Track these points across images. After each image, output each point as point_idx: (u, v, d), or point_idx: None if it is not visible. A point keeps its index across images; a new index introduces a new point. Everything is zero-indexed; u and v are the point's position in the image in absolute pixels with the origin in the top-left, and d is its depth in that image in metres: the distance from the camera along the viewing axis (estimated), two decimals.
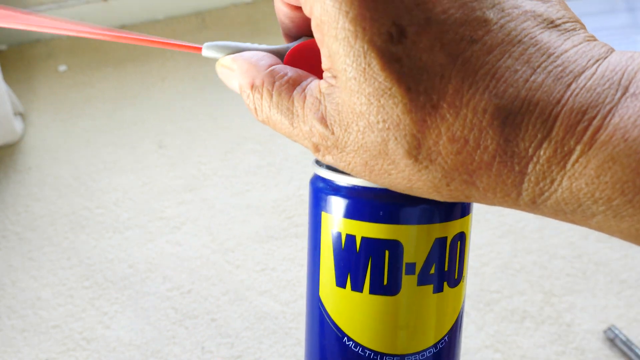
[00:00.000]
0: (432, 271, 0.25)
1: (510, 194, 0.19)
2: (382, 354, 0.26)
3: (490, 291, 0.62)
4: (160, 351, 0.58)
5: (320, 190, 0.26)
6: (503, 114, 0.18)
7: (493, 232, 0.67)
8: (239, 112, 0.82)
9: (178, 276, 0.64)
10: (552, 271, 0.63)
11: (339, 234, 0.25)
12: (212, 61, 0.91)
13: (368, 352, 0.26)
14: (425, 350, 0.26)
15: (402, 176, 0.20)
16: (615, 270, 0.63)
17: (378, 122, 0.19)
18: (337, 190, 0.25)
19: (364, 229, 0.25)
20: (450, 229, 0.26)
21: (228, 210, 0.70)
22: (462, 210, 0.26)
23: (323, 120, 0.21)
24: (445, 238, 0.25)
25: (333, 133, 0.20)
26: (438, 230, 0.25)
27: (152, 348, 0.59)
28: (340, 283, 0.25)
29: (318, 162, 0.27)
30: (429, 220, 0.25)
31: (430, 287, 0.25)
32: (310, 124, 0.21)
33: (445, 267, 0.26)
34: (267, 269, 0.64)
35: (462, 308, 0.27)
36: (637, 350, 0.56)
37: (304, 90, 0.22)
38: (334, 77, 0.20)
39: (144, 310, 0.61)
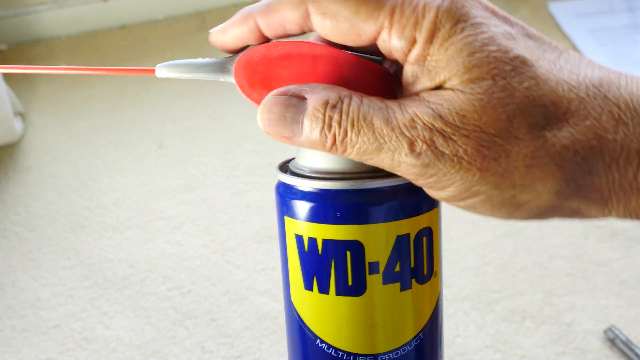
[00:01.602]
0: (397, 269, 0.25)
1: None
2: (355, 355, 0.25)
3: (491, 291, 0.62)
4: (160, 351, 0.58)
5: (283, 196, 0.27)
6: None
7: (493, 232, 0.67)
8: (239, 112, 0.82)
9: (178, 276, 0.64)
10: (552, 271, 0.63)
11: (302, 238, 0.25)
12: None
13: (341, 353, 0.26)
14: (399, 349, 0.26)
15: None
16: (615, 270, 0.63)
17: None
18: (296, 194, 0.26)
19: (324, 231, 0.25)
20: (414, 225, 0.26)
21: (228, 210, 0.70)
22: (427, 205, 0.26)
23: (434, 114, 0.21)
24: (408, 235, 0.25)
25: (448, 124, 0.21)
26: (399, 227, 0.25)
27: (152, 348, 0.59)
28: (308, 286, 0.26)
29: (281, 168, 0.28)
30: (389, 218, 0.25)
31: (397, 285, 0.25)
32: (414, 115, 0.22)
33: (412, 264, 0.26)
34: (267, 269, 0.64)
35: (438, 304, 0.28)
36: (637, 351, 0.56)
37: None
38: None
39: (144, 310, 0.61)
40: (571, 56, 0.22)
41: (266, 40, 0.26)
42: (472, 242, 0.66)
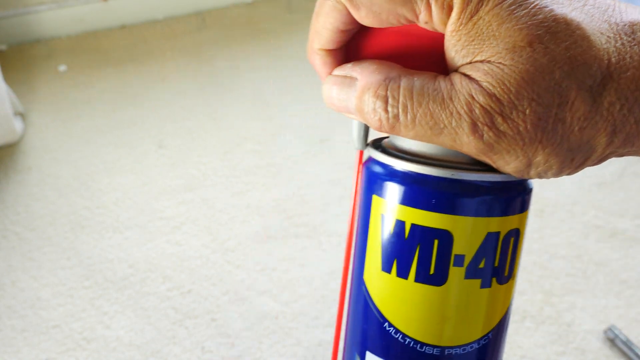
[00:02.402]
0: (482, 265, 0.25)
1: None
2: (422, 344, 0.25)
3: None
4: (160, 351, 0.58)
5: (375, 174, 0.25)
6: None
7: None
8: (239, 112, 0.82)
9: (178, 276, 0.64)
10: (552, 271, 0.63)
11: (389, 219, 0.25)
12: (212, 61, 0.91)
13: (408, 339, 0.25)
14: (467, 345, 0.26)
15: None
16: (615, 270, 0.63)
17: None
18: (391, 175, 0.25)
19: (415, 216, 0.24)
20: (505, 224, 0.25)
21: (228, 210, 0.70)
22: (520, 206, 0.26)
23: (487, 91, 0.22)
24: (499, 233, 0.25)
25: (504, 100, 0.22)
26: (492, 224, 0.24)
27: (152, 348, 0.59)
28: (386, 268, 0.25)
29: (375, 146, 0.27)
30: (482, 213, 0.24)
31: (478, 282, 0.25)
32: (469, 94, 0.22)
33: (496, 263, 0.25)
34: (267, 269, 0.64)
35: (510, 306, 0.27)
36: (637, 351, 0.56)
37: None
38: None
39: (144, 310, 0.61)
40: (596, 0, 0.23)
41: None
42: None
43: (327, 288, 0.62)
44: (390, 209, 0.25)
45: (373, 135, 0.28)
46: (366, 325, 0.26)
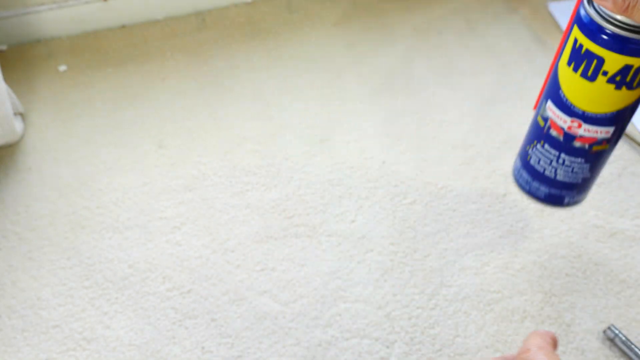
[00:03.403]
0: (618, 78, 0.45)
1: None
2: (575, 106, 0.48)
3: (491, 291, 0.62)
4: (160, 351, 0.58)
5: (583, 22, 0.44)
6: None
7: (493, 232, 0.67)
8: (239, 112, 0.82)
9: (178, 276, 0.64)
10: (552, 271, 0.63)
11: (577, 42, 0.45)
12: (212, 61, 0.91)
13: (569, 102, 0.48)
14: (599, 113, 0.47)
15: None
16: (615, 270, 0.63)
17: None
18: (592, 26, 0.44)
19: (588, 43, 0.44)
20: (636, 62, 0.44)
21: (228, 210, 0.70)
22: None
23: None
24: (632, 65, 0.44)
25: None
26: (627, 60, 0.43)
27: (152, 348, 0.59)
28: (569, 65, 0.47)
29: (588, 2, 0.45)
30: (625, 53, 0.43)
31: (613, 86, 0.45)
32: None
33: (627, 79, 0.45)
34: (267, 269, 0.64)
35: (636, 102, 0.47)
36: (637, 350, 0.56)
37: None
38: None
39: (144, 310, 0.62)
40: None
41: None
42: (472, 242, 0.66)
43: (327, 288, 0.63)
44: (578, 37, 0.45)
45: None
46: (552, 89, 0.50)
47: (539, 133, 0.53)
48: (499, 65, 0.88)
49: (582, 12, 0.44)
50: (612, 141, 0.51)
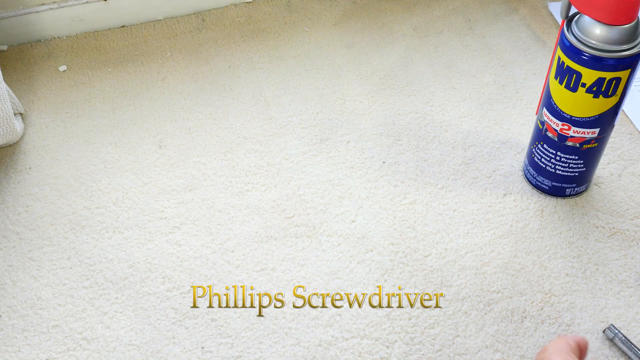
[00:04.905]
0: (594, 88, 0.56)
1: None
2: (564, 112, 0.59)
3: (490, 291, 0.62)
4: (160, 351, 0.58)
5: (565, 44, 0.56)
6: None
7: (493, 232, 0.67)
8: (239, 112, 0.82)
9: (178, 276, 0.64)
10: (552, 271, 0.63)
11: (560, 60, 0.57)
12: (212, 61, 0.91)
13: (559, 109, 0.60)
14: (583, 117, 0.59)
15: None
16: (614, 270, 0.63)
17: None
18: (571, 48, 0.55)
19: (568, 61, 0.56)
20: (608, 75, 0.55)
21: (228, 210, 0.70)
22: (623, 67, 0.55)
23: None
24: (605, 78, 0.55)
25: None
26: (599, 73, 0.55)
27: (152, 348, 0.59)
28: (556, 79, 0.58)
29: (568, 24, 0.56)
30: (597, 68, 0.55)
31: (591, 95, 0.56)
32: None
33: (602, 89, 0.56)
34: (267, 269, 0.64)
35: (615, 106, 0.58)
36: (636, 350, 0.56)
37: None
38: None
39: (144, 310, 0.62)
40: None
41: None
42: (472, 242, 0.66)
43: (327, 288, 0.63)
44: (560, 56, 0.57)
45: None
46: (546, 98, 0.61)
47: (539, 135, 0.65)
48: (499, 66, 0.88)
49: (563, 37, 0.56)
50: (600, 139, 0.62)
